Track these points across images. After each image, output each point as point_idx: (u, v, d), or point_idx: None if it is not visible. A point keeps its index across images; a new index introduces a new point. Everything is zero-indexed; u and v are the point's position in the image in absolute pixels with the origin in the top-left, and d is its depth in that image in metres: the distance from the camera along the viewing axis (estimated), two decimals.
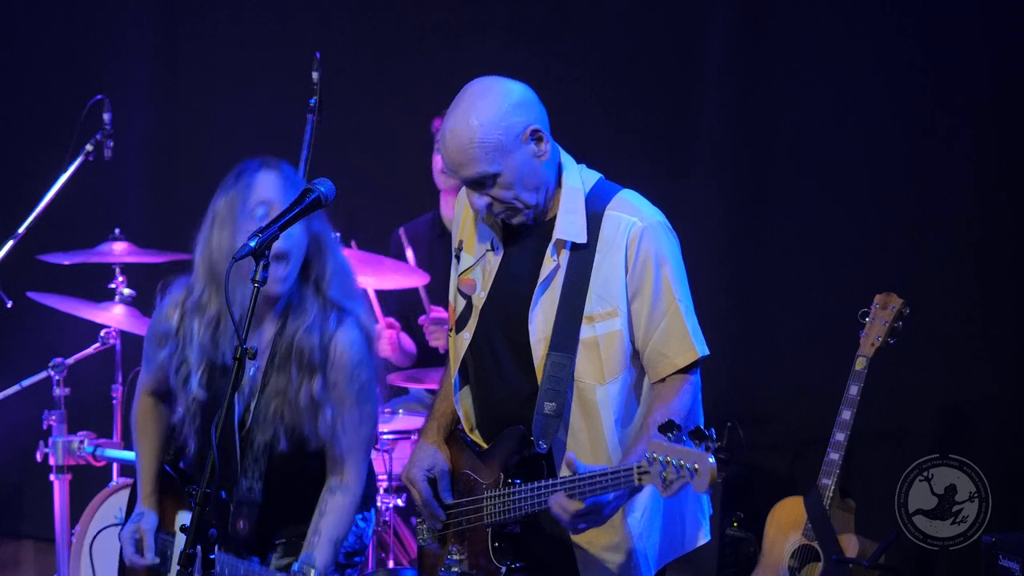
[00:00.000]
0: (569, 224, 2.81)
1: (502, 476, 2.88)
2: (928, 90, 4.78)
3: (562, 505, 2.68)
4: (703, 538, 3.05)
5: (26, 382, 4.38)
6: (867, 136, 4.89)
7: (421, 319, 4.44)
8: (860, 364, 4.21)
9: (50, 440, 4.29)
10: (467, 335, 2.96)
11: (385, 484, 4.23)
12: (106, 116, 4.51)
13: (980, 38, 4.68)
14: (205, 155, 5.56)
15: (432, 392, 4.63)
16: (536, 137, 2.79)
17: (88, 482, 4.69)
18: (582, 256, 2.79)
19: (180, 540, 2.90)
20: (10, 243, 4.32)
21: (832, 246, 4.93)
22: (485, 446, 2.96)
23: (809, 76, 4.98)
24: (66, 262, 4.58)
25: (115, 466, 4.60)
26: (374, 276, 4.34)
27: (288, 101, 4.57)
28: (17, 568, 5.63)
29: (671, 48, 5.19)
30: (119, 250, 4.58)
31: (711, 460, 2.45)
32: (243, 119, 5.56)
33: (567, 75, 5.31)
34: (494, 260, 2.90)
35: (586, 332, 2.80)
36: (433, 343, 4.41)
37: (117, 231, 4.66)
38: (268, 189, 2.84)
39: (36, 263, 4.67)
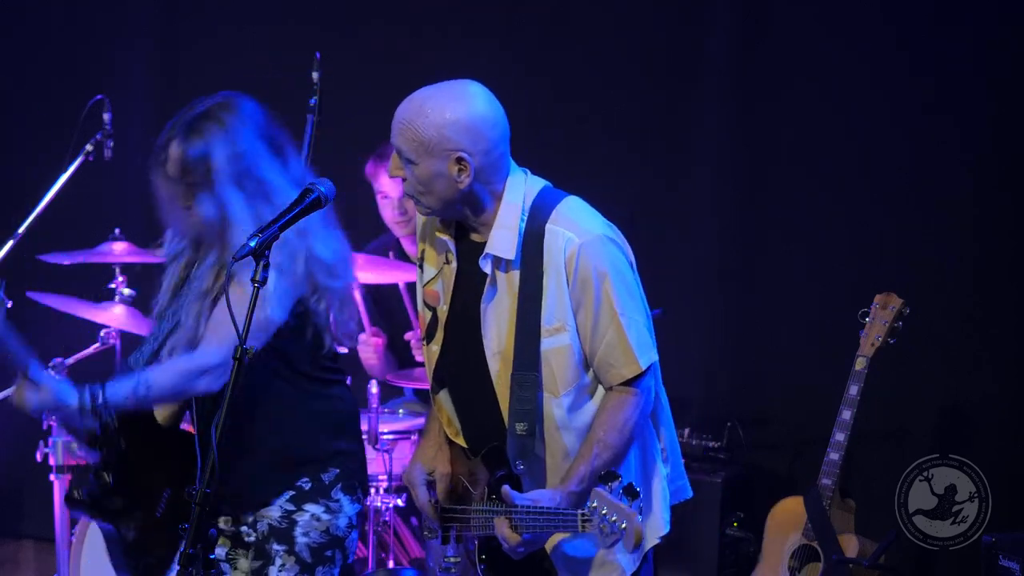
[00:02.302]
0: (500, 239, 2.79)
1: (486, 491, 2.88)
2: (928, 90, 4.78)
3: (502, 533, 2.72)
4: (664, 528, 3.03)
5: None
6: (867, 136, 4.89)
7: (408, 335, 4.44)
8: (860, 364, 4.21)
9: (50, 440, 4.29)
10: (435, 347, 2.96)
11: (385, 484, 4.23)
12: (106, 116, 4.51)
13: (980, 38, 4.68)
14: None
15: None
16: (459, 165, 2.74)
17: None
18: (534, 272, 2.77)
19: None
20: (10, 243, 4.32)
21: (832, 246, 4.93)
22: (471, 455, 2.95)
23: (809, 76, 4.98)
24: (66, 262, 4.58)
25: None
26: (375, 274, 4.34)
27: (288, 101, 4.56)
28: (17, 568, 5.63)
29: (671, 48, 5.19)
30: (119, 250, 4.58)
31: (638, 519, 2.49)
32: None
33: (567, 74, 5.32)
34: (450, 272, 2.89)
35: (543, 346, 2.79)
36: (421, 358, 4.43)
37: (117, 231, 4.66)
38: None
39: (36, 263, 4.67)
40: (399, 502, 4.29)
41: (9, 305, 4.45)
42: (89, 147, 4.50)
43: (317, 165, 3.99)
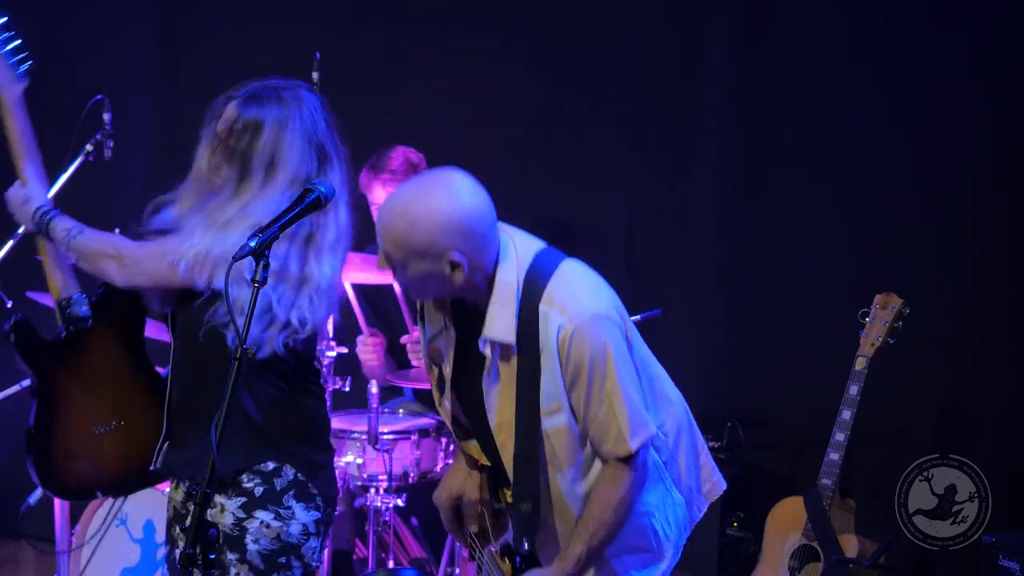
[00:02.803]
0: (497, 323, 2.73)
1: (499, 548, 2.91)
2: (928, 90, 4.79)
3: None
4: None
5: (26, 382, 4.37)
6: (867, 136, 4.89)
7: (403, 339, 4.44)
8: (860, 364, 4.21)
9: None
10: (447, 404, 2.95)
11: (385, 484, 4.23)
12: (106, 116, 4.51)
13: (980, 38, 4.68)
14: None
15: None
16: (453, 266, 2.68)
17: None
18: (531, 354, 2.73)
19: None
20: (10, 243, 4.31)
21: (832, 246, 4.93)
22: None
23: (809, 76, 4.98)
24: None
25: None
26: (376, 275, 4.34)
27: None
28: (17, 568, 5.63)
29: (671, 48, 5.19)
30: None
31: None
32: None
33: (567, 74, 5.32)
34: (451, 337, 2.86)
35: (543, 425, 2.78)
36: (416, 362, 4.42)
37: (117, 231, 4.65)
38: None
39: (36, 263, 4.67)
40: (399, 502, 4.29)
41: (9, 305, 4.47)
42: (89, 147, 4.50)
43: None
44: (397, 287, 4.56)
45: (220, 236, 2.82)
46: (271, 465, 2.88)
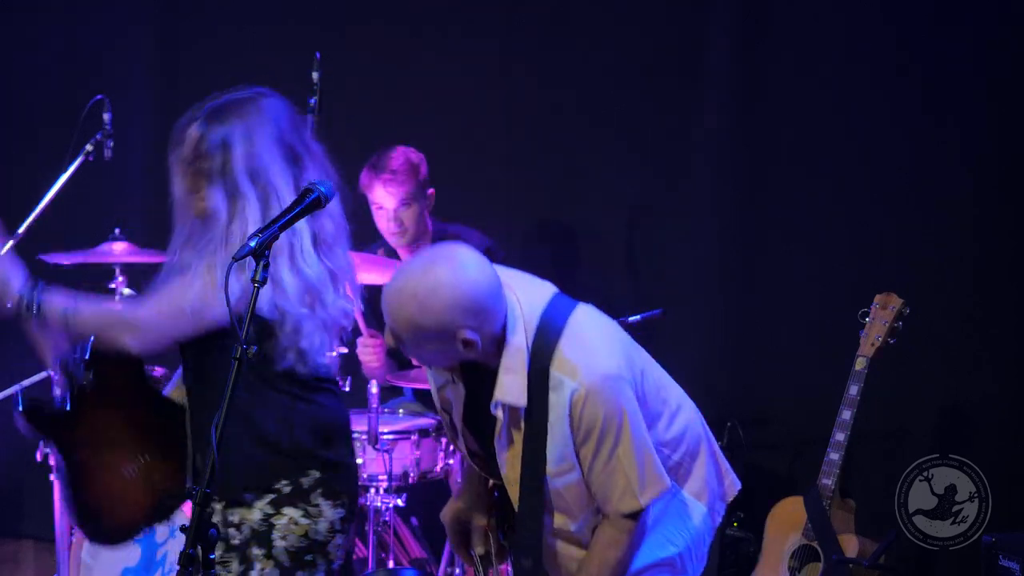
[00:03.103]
0: (509, 386, 2.71)
1: None
2: (928, 90, 4.79)
3: None
4: None
5: (26, 382, 4.38)
6: (867, 136, 4.89)
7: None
8: (860, 364, 4.21)
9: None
10: (461, 446, 2.96)
11: (385, 484, 4.23)
12: (106, 116, 4.51)
13: (980, 37, 4.68)
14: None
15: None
16: (466, 344, 2.66)
17: None
18: (541, 416, 2.71)
19: None
20: (10, 243, 4.31)
21: (832, 246, 4.93)
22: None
23: (809, 76, 4.98)
24: (66, 262, 4.58)
25: None
26: (376, 275, 4.34)
27: (288, 101, 4.56)
28: (17, 568, 5.63)
29: (671, 48, 5.19)
30: (119, 250, 4.58)
31: None
32: None
33: (567, 75, 5.32)
34: (460, 392, 2.85)
35: (551, 484, 2.78)
36: (416, 361, 4.43)
37: (117, 231, 4.66)
38: None
39: (36, 263, 4.67)
40: (399, 502, 4.29)
41: (9, 305, 4.46)
42: (89, 147, 4.50)
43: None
44: None
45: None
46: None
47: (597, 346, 2.77)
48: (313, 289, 2.87)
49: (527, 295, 2.79)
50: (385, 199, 4.43)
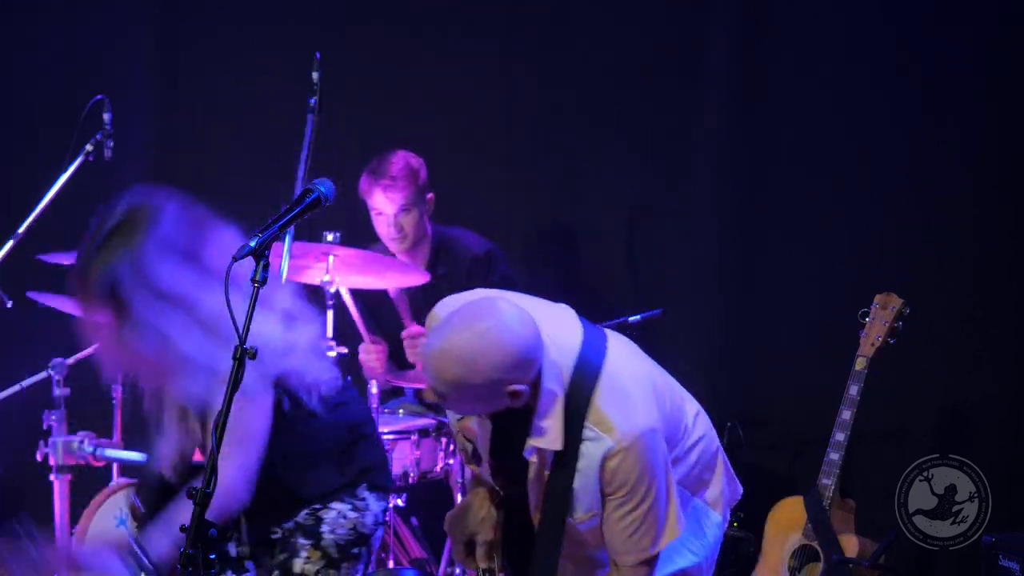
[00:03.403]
0: (545, 432, 2.72)
1: None
2: (928, 90, 4.79)
3: None
4: None
5: (26, 382, 4.38)
6: (867, 136, 4.89)
7: (403, 333, 4.45)
8: (860, 364, 4.21)
9: (50, 440, 4.29)
10: (486, 470, 2.95)
11: None
12: (106, 116, 4.51)
13: (979, 38, 4.68)
14: (205, 155, 5.57)
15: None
16: (513, 396, 2.66)
17: (88, 482, 4.69)
18: (570, 461, 2.72)
19: None
20: (10, 243, 4.32)
21: (832, 246, 4.93)
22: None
23: (809, 76, 4.98)
24: (66, 262, 4.58)
25: (115, 466, 4.60)
26: (375, 276, 4.34)
27: (288, 101, 4.57)
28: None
29: (671, 47, 5.19)
30: None
31: None
32: (243, 119, 5.58)
33: (567, 75, 5.32)
34: (487, 425, 2.84)
35: (575, 526, 2.80)
36: (412, 359, 4.42)
37: None
38: None
39: (36, 263, 4.67)
40: (399, 502, 4.29)
41: (9, 305, 4.47)
42: (89, 147, 4.50)
43: (317, 165, 3.99)
44: (391, 289, 4.57)
45: (211, 359, 2.70)
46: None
47: (633, 398, 2.77)
48: (285, 340, 2.85)
49: (557, 336, 2.78)
50: (385, 205, 4.43)
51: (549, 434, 2.71)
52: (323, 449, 2.97)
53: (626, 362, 2.84)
